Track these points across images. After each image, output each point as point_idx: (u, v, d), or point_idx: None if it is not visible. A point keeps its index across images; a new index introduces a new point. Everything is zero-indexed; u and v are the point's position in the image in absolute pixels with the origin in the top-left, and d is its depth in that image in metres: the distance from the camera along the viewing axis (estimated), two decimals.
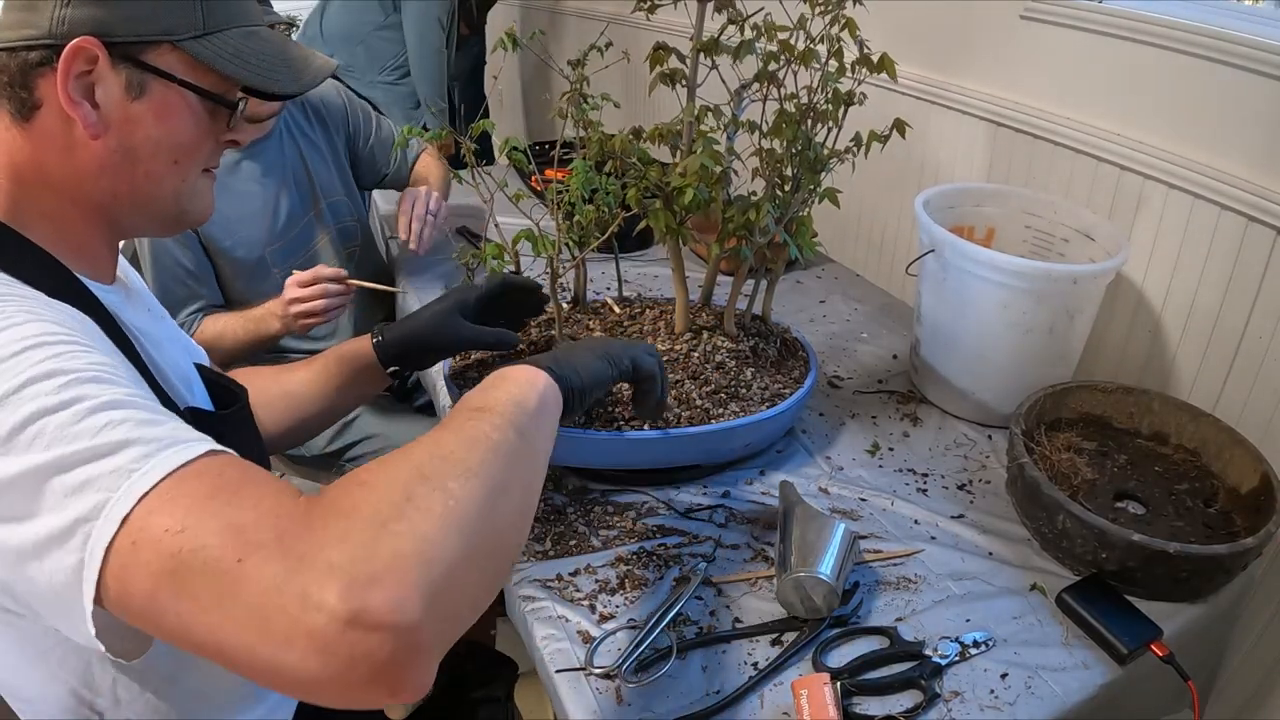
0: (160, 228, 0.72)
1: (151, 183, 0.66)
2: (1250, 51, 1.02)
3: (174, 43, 0.63)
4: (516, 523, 0.56)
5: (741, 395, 1.04)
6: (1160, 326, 1.20)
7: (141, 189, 0.66)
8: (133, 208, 0.67)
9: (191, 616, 0.43)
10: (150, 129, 0.64)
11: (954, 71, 1.45)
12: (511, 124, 3.73)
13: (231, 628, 0.42)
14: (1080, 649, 0.83)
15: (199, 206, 0.71)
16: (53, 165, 0.62)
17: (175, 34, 0.63)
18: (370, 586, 0.41)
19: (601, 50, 1.05)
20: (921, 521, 1.00)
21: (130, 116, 0.63)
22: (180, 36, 0.63)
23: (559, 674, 0.79)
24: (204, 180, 0.71)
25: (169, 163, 0.66)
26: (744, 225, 1.00)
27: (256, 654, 0.42)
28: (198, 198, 0.70)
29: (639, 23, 1.03)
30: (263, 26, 0.70)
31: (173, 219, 0.70)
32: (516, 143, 1.09)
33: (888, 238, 1.67)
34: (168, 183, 0.67)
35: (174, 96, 0.64)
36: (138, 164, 0.64)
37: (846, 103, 1.00)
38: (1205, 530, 0.92)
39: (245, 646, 0.42)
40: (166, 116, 0.64)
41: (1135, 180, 1.18)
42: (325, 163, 1.62)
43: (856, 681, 0.78)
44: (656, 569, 0.91)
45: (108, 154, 0.63)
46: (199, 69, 0.65)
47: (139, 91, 0.62)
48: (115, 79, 0.61)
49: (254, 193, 1.51)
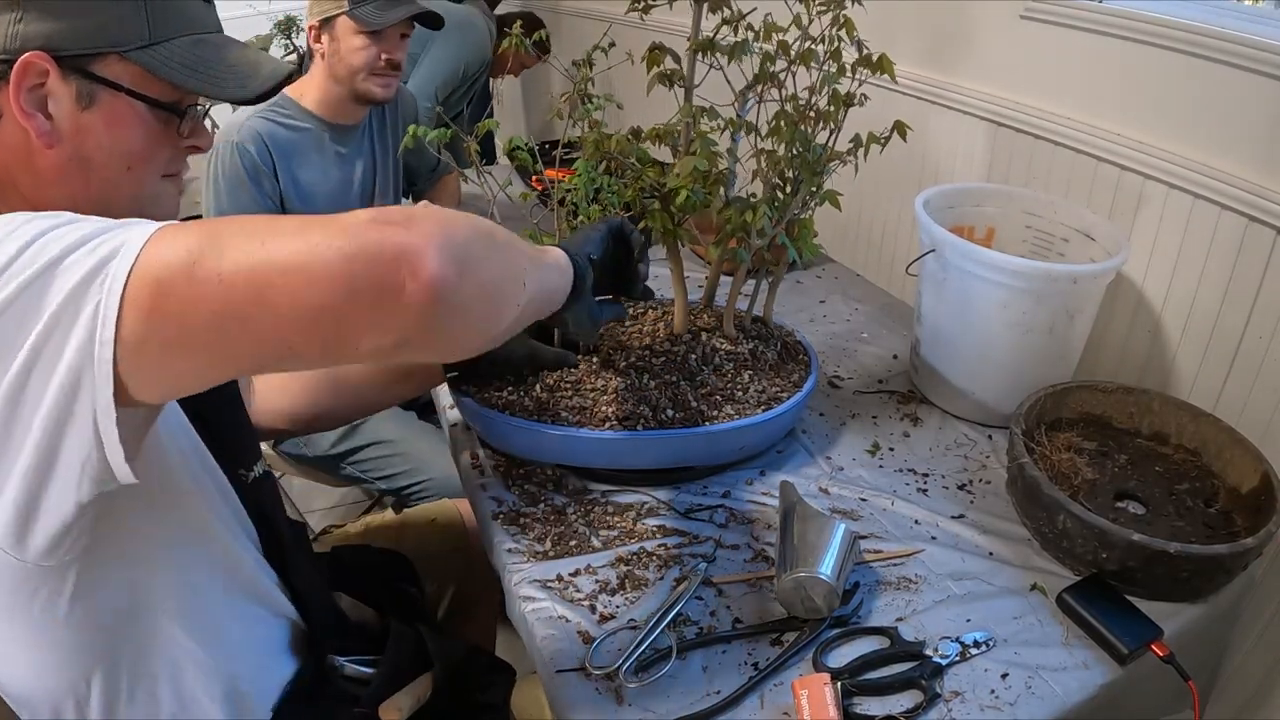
0: None
1: (108, 189, 0.67)
2: (1250, 51, 1.02)
3: (121, 53, 0.65)
4: (511, 285, 0.64)
5: (738, 398, 1.04)
6: (1160, 326, 1.20)
7: (98, 195, 0.67)
8: (92, 214, 0.67)
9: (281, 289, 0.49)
10: (102, 137, 0.65)
11: (954, 71, 1.45)
12: (512, 124, 3.73)
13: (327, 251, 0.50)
14: (1080, 649, 0.83)
15: (161, 211, 0.71)
16: (17, 172, 0.64)
17: (121, 45, 0.65)
18: (454, 263, 0.52)
19: (605, 50, 1.05)
20: (922, 521, 1.00)
21: (82, 126, 0.64)
22: (127, 48, 0.65)
23: (559, 674, 0.79)
24: (166, 185, 0.72)
25: (123, 169, 0.67)
26: (741, 227, 1.00)
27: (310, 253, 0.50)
28: (159, 203, 0.71)
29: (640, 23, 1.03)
30: (213, 34, 0.71)
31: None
32: (520, 142, 1.09)
33: (888, 238, 1.67)
34: (124, 188, 0.68)
35: (122, 105, 0.66)
36: (92, 171, 0.66)
37: (846, 104, 1.00)
38: (1205, 530, 0.92)
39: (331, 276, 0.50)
40: (116, 125, 0.66)
41: (1135, 180, 1.18)
42: (387, 168, 1.72)
43: (857, 681, 0.78)
44: (656, 569, 0.91)
45: (64, 162, 0.64)
46: (147, 78, 0.66)
47: (89, 101, 0.64)
48: (66, 90, 0.63)
49: (331, 172, 1.59)
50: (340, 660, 0.86)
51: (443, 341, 0.57)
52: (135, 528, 0.65)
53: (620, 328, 1.15)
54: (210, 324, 0.50)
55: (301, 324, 0.51)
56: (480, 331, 0.60)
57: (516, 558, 0.93)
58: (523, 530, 0.97)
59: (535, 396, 1.02)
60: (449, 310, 0.54)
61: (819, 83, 1.00)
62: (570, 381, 1.04)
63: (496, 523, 0.98)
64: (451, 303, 0.53)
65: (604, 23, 1.12)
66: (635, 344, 1.11)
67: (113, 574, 0.65)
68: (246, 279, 0.49)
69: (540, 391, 1.03)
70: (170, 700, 0.70)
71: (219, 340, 0.51)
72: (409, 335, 0.53)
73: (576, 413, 1.00)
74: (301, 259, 0.50)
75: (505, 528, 0.97)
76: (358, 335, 0.52)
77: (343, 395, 1.06)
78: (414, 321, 0.52)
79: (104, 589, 0.64)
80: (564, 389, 1.03)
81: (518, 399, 1.03)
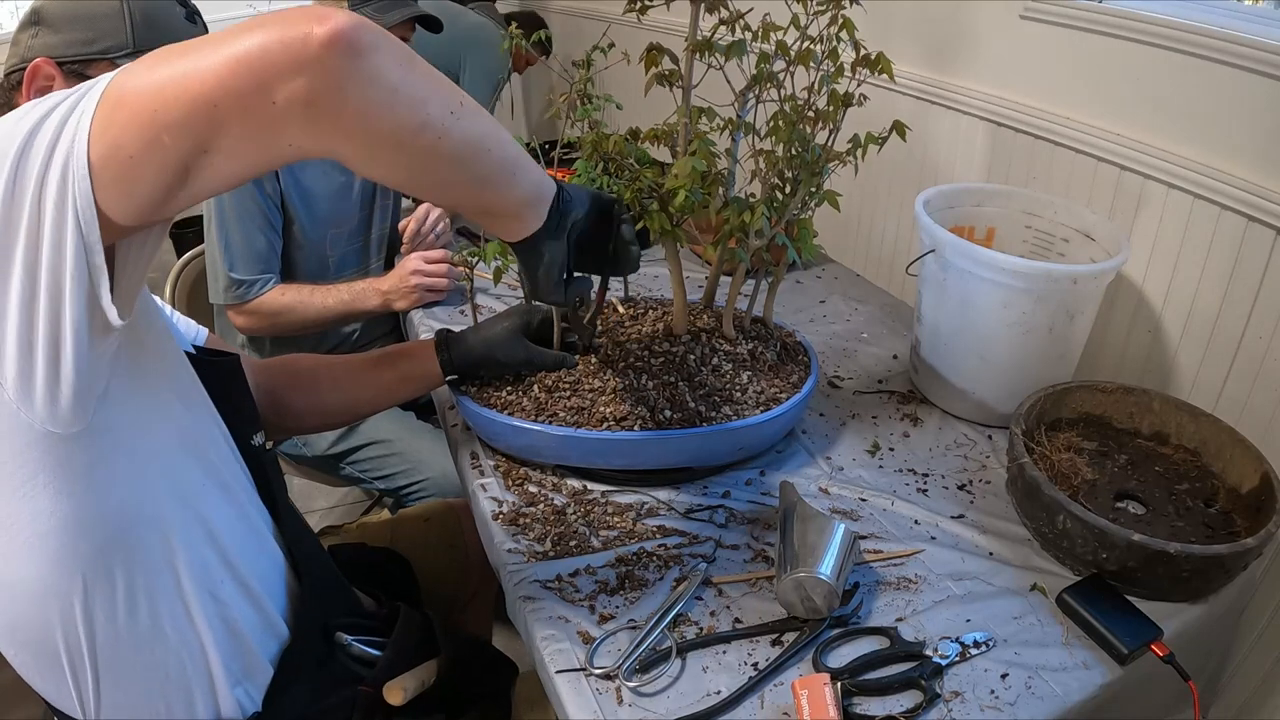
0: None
1: None
2: (1250, 51, 1.02)
3: (111, 60, 0.79)
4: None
5: (736, 399, 1.04)
6: (1160, 326, 1.20)
7: None
8: None
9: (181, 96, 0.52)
10: None
11: (954, 71, 1.45)
12: (512, 124, 3.73)
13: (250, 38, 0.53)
14: (1080, 649, 0.83)
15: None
16: None
17: (110, 53, 0.79)
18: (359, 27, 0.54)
19: (604, 50, 1.05)
20: (921, 522, 1.00)
21: None
22: (115, 54, 0.79)
23: (559, 674, 0.79)
24: None
25: None
26: (739, 227, 1.00)
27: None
28: None
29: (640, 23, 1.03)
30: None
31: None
32: (521, 141, 1.09)
33: (888, 238, 1.67)
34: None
35: None
36: None
37: (845, 104, 0.99)
38: (1205, 530, 0.92)
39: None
40: None
41: (1135, 180, 1.18)
42: None
43: (857, 682, 0.78)
44: (656, 569, 0.91)
45: None
46: None
47: None
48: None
49: (332, 173, 1.57)
50: (348, 639, 0.87)
51: (349, 106, 0.56)
52: (135, 418, 0.65)
53: (620, 328, 1.15)
54: (152, 101, 0.53)
55: (222, 76, 0.52)
56: (388, 119, 0.58)
57: (516, 558, 0.93)
58: (523, 530, 0.97)
59: (534, 397, 1.02)
60: (353, 67, 0.54)
61: (817, 83, 1.00)
62: (569, 382, 1.04)
63: (496, 523, 0.98)
64: (356, 58, 0.54)
65: (602, 23, 1.13)
66: (634, 344, 1.11)
67: (116, 469, 0.64)
68: (180, 59, 0.53)
69: (539, 392, 1.03)
70: (173, 601, 0.69)
71: (160, 114, 0.53)
72: (315, 83, 0.53)
73: (575, 413, 1.00)
74: (223, 34, 0.54)
75: (505, 528, 0.97)
76: (270, 84, 0.53)
77: (341, 393, 1.06)
78: (319, 65, 0.53)
79: (102, 489, 0.63)
80: (563, 389, 1.03)
81: (517, 399, 1.03)
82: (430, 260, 1.49)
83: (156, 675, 0.70)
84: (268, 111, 0.54)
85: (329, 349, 1.69)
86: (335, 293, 1.52)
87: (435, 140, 0.61)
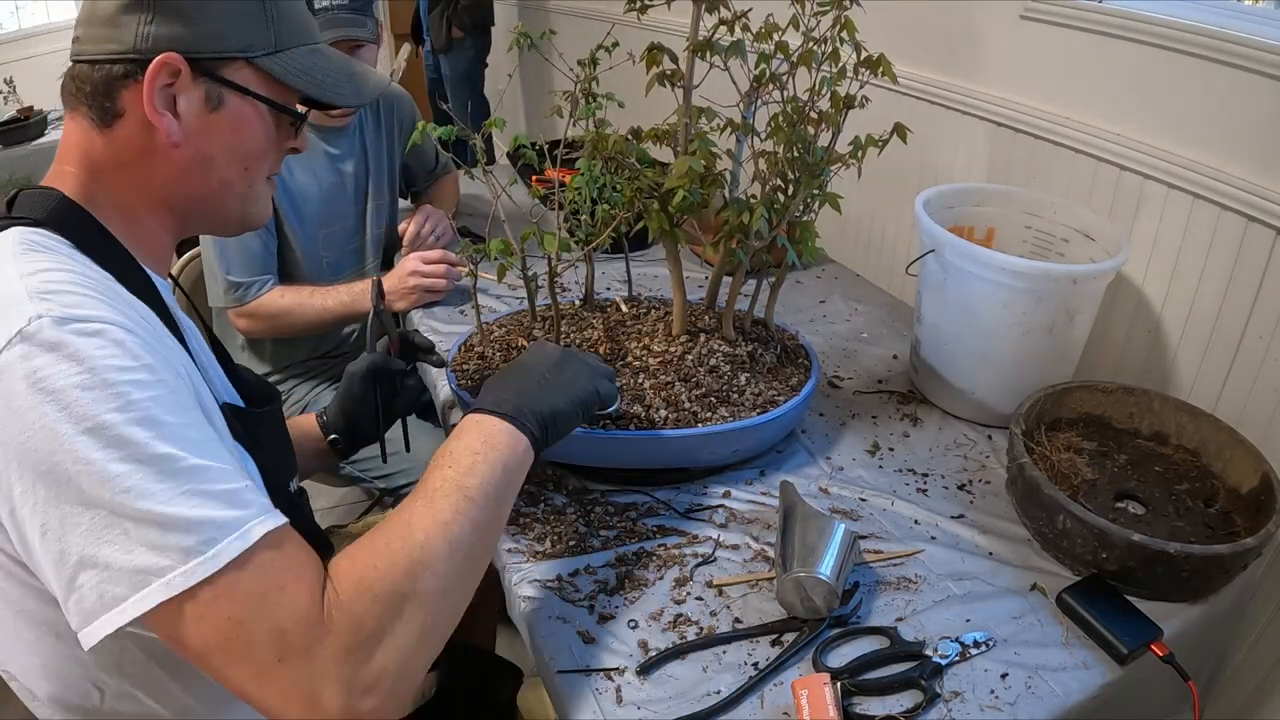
0: (224, 228, 0.78)
1: (223, 187, 0.72)
2: (1250, 51, 1.02)
3: (249, 59, 0.69)
4: (475, 585, 0.67)
5: (733, 400, 1.04)
6: (1160, 326, 1.20)
7: (214, 193, 0.71)
8: (204, 209, 0.73)
9: (230, 672, 0.55)
10: (226, 138, 0.69)
11: (954, 72, 1.45)
12: (511, 124, 3.73)
13: (261, 694, 0.55)
14: (1080, 649, 0.83)
15: (259, 210, 0.77)
16: (131, 168, 0.67)
17: (250, 51, 0.69)
18: (363, 696, 0.57)
19: (609, 50, 1.05)
20: (921, 521, 1.00)
21: (208, 126, 0.68)
22: (255, 54, 0.69)
23: (559, 674, 0.79)
24: (266, 187, 0.77)
25: (240, 169, 0.72)
26: (739, 228, 1.00)
27: (274, 714, 0.56)
28: (259, 202, 0.76)
29: (641, 23, 1.03)
30: (324, 45, 0.77)
31: (237, 220, 0.76)
32: (524, 140, 1.09)
33: (888, 238, 1.67)
34: (237, 187, 0.73)
35: (248, 108, 0.70)
36: (212, 170, 0.70)
37: (847, 105, 0.99)
38: (1205, 530, 0.92)
39: (266, 708, 0.56)
40: (240, 127, 0.70)
41: (1135, 180, 1.18)
42: (381, 168, 1.70)
43: (856, 681, 0.78)
44: (656, 569, 0.91)
45: (186, 161, 0.68)
46: (270, 83, 0.71)
47: (217, 103, 0.68)
48: (196, 91, 0.66)
49: (322, 174, 1.58)
50: None
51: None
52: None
53: (621, 327, 1.15)
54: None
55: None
56: (443, 635, 0.64)
57: (516, 557, 0.93)
58: (523, 530, 0.97)
59: None
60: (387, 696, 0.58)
61: (818, 84, 1.00)
62: None
63: None
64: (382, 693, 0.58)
65: (603, 22, 1.12)
66: (634, 344, 1.11)
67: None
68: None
69: None
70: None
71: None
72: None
73: None
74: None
75: (505, 528, 0.97)
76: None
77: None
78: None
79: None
80: None
81: None
82: (428, 261, 1.49)
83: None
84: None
85: (328, 350, 1.69)
86: (334, 294, 1.52)
87: (491, 548, 0.70)
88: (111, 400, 0.54)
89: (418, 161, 1.83)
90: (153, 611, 0.53)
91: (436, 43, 3.43)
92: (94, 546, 0.53)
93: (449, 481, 0.67)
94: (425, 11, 3.46)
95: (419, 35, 3.59)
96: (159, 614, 0.53)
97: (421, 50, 3.61)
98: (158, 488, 0.54)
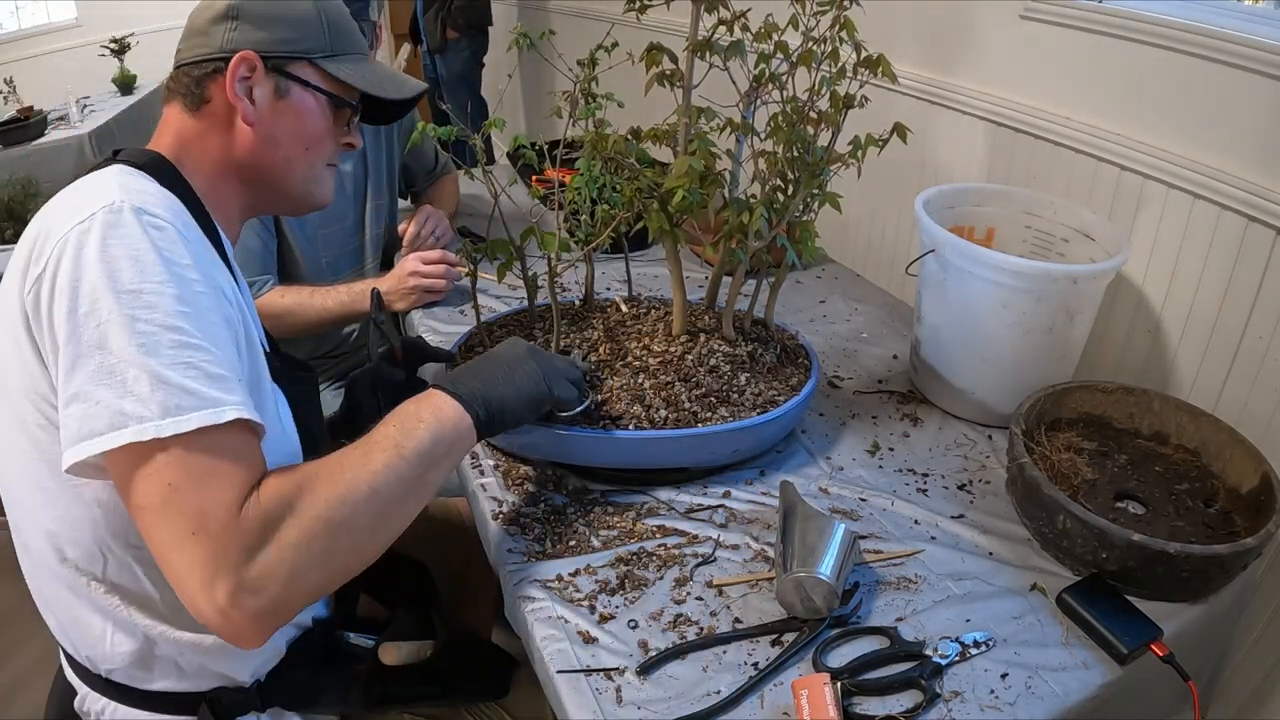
0: (289, 205, 0.93)
1: (287, 165, 0.87)
2: (1250, 51, 1.02)
3: (310, 59, 0.86)
4: (387, 538, 0.73)
5: (732, 400, 1.04)
6: (1160, 326, 1.20)
7: (280, 168, 0.86)
8: (270, 182, 0.87)
9: (155, 533, 0.63)
10: (290, 122, 0.85)
11: (954, 71, 1.45)
12: (511, 124, 3.73)
13: (171, 559, 0.63)
14: (1080, 649, 0.83)
15: (321, 191, 0.92)
16: (214, 141, 0.83)
17: (312, 53, 0.86)
18: (249, 595, 0.62)
19: (608, 50, 1.04)
20: (921, 521, 1.00)
21: (276, 112, 0.84)
22: (315, 55, 0.86)
23: (559, 674, 0.79)
24: (327, 172, 0.92)
25: (301, 149, 0.87)
26: (738, 228, 1.00)
27: (178, 583, 0.63)
28: (321, 184, 0.91)
29: (641, 23, 1.03)
30: (368, 56, 0.93)
31: (300, 197, 0.91)
32: (524, 140, 1.09)
33: (888, 238, 1.67)
34: (298, 166, 0.88)
35: (309, 99, 0.86)
36: (279, 148, 0.85)
37: (846, 105, 0.99)
38: (1205, 530, 0.92)
39: (173, 575, 0.63)
40: (302, 114, 0.86)
41: (1135, 180, 1.18)
42: (380, 167, 1.70)
43: (856, 681, 0.78)
44: (656, 569, 0.91)
45: (258, 138, 0.83)
46: (327, 80, 0.87)
47: (284, 94, 0.84)
48: (267, 83, 0.83)
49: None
50: (348, 635, 0.92)
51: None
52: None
53: (621, 327, 1.15)
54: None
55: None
56: (346, 568, 0.70)
57: (516, 557, 0.93)
58: (522, 530, 0.97)
59: None
60: (268, 614, 0.64)
61: (817, 84, 1.00)
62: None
63: (496, 522, 0.98)
64: (267, 612, 0.64)
65: (602, 22, 1.12)
66: (634, 344, 1.11)
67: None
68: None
69: None
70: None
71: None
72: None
73: None
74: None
75: (505, 527, 0.97)
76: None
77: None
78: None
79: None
80: None
81: None
82: (428, 261, 1.49)
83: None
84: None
85: (328, 350, 1.69)
86: (334, 294, 1.51)
87: (413, 507, 0.75)
88: (159, 275, 0.65)
89: (417, 162, 1.83)
90: (117, 451, 0.62)
91: (431, 43, 3.43)
92: (92, 385, 0.62)
93: (388, 438, 0.74)
94: (421, 12, 3.46)
95: (417, 36, 3.60)
96: (120, 455, 0.62)
97: (420, 50, 3.61)
98: (166, 352, 0.63)
